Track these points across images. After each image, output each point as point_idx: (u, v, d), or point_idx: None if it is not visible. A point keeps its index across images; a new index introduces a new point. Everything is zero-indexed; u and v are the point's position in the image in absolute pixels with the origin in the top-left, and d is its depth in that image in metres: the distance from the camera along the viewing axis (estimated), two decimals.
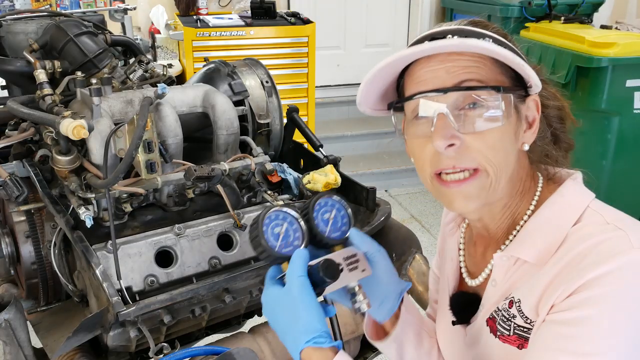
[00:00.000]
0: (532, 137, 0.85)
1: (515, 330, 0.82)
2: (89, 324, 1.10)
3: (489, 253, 0.91)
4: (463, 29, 0.83)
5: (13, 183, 1.22)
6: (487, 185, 0.82)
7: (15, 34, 1.65)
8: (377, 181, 4.32)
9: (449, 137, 0.79)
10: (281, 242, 0.82)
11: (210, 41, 3.77)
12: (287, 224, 0.83)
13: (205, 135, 1.47)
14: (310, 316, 0.78)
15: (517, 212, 0.88)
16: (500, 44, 0.80)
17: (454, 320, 0.96)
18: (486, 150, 0.80)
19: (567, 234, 0.81)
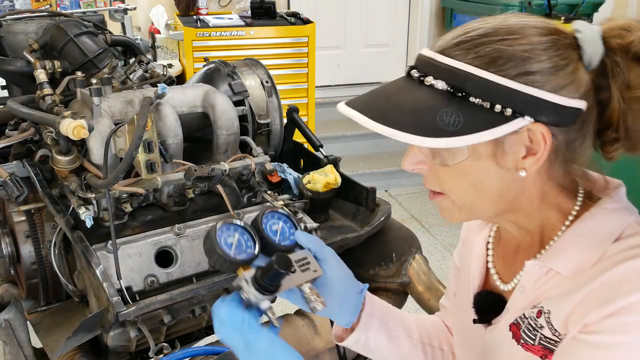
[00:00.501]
0: (535, 164, 0.77)
1: (541, 341, 0.81)
2: (89, 324, 1.10)
3: (520, 258, 0.88)
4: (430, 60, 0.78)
5: (13, 183, 1.22)
6: (455, 207, 0.82)
7: (15, 34, 1.65)
8: (377, 181, 4.32)
9: (414, 163, 0.82)
10: (235, 250, 0.87)
11: (210, 41, 3.77)
12: (239, 234, 0.89)
13: (205, 135, 1.47)
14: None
15: (548, 223, 0.85)
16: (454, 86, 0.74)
17: (475, 318, 0.95)
18: (449, 181, 0.80)
19: (606, 249, 0.77)
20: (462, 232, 1.10)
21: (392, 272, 1.48)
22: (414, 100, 0.76)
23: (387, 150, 4.77)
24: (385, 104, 0.79)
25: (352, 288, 0.95)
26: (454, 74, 0.74)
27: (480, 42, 0.75)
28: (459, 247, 1.10)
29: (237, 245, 0.87)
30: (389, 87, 0.81)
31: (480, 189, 0.80)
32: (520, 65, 0.72)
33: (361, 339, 0.98)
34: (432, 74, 0.76)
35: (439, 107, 0.73)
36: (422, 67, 0.79)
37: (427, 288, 1.44)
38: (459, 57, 0.75)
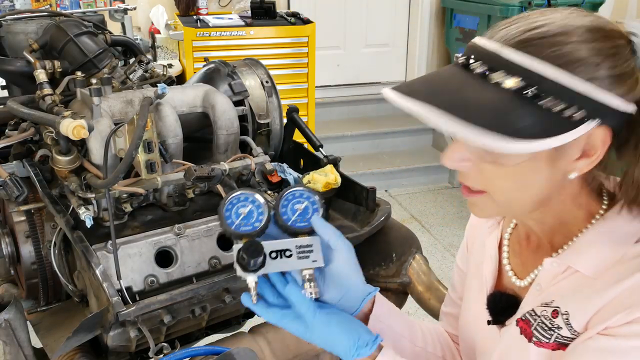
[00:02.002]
0: (588, 167, 0.76)
1: (557, 339, 0.80)
2: (89, 324, 1.10)
3: (539, 255, 0.87)
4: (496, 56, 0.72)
5: (13, 183, 1.22)
6: (494, 206, 0.80)
7: (15, 34, 1.65)
8: (377, 181, 4.32)
9: (457, 159, 0.77)
10: (241, 220, 0.86)
11: (210, 41, 3.77)
12: (254, 206, 0.87)
13: (205, 135, 1.47)
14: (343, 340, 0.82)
15: (573, 222, 0.84)
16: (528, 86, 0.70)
17: (489, 319, 0.94)
18: (495, 180, 0.76)
19: (626, 251, 0.77)
20: (467, 237, 1.09)
21: (392, 272, 1.48)
22: (481, 95, 0.71)
23: (387, 150, 4.77)
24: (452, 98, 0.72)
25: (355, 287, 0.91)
26: (529, 72, 0.70)
27: (554, 41, 0.71)
28: (463, 252, 1.10)
29: (246, 217, 0.86)
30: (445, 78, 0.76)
31: (527, 189, 0.78)
32: (591, 68, 0.70)
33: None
34: (502, 69, 0.71)
35: (510, 106, 0.69)
36: (485, 59, 0.73)
37: (427, 288, 1.44)
38: (532, 53, 0.71)
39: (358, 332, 0.83)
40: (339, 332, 0.83)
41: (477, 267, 1.01)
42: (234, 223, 0.86)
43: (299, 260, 0.85)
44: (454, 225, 3.98)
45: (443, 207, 4.23)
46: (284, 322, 0.85)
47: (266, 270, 0.84)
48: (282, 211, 0.89)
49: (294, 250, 0.86)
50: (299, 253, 0.86)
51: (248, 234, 0.86)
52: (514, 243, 0.97)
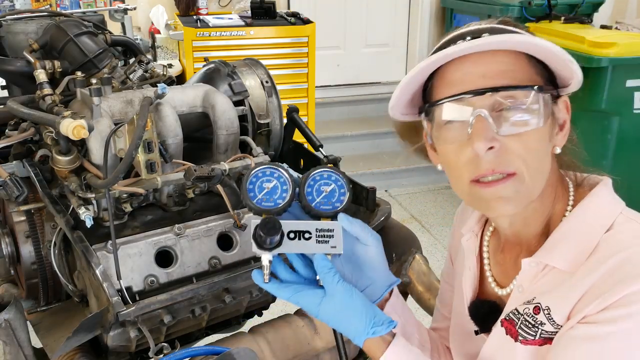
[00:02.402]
0: (564, 140, 0.83)
1: (542, 335, 0.81)
2: (89, 324, 1.10)
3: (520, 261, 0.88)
4: (496, 27, 0.82)
5: (13, 183, 1.22)
6: (522, 188, 0.80)
7: (15, 34, 1.65)
8: (377, 181, 4.32)
9: (490, 139, 0.77)
10: (264, 195, 0.83)
11: (210, 41, 3.77)
12: (279, 182, 0.85)
13: (205, 135, 1.47)
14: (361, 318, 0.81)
15: (551, 218, 0.86)
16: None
17: (476, 330, 0.95)
18: (525, 153, 0.78)
19: (599, 240, 0.79)
20: (449, 251, 1.11)
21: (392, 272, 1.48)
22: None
23: (387, 150, 4.77)
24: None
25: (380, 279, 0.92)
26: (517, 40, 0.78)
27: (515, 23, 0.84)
28: (448, 266, 1.10)
29: (269, 192, 0.84)
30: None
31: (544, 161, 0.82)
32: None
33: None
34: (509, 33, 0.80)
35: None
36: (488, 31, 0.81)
37: (427, 288, 1.44)
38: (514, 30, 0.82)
39: (374, 311, 0.83)
40: (358, 304, 0.81)
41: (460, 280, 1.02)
42: (256, 197, 0.83)
43: (318, 245, 0.83)
44: None
45: (443, 207, 4.23)
46: (299, 296, 0.82)
47: (282, 249, 0.82)
48: (307, 191, 0.86)
49: (314, 233, 0.83)
50: (319, 237, 0.83)
51: (269, 209, 0.83)
52: (494, 252, 0.98)
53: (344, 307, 0.81)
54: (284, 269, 0.86)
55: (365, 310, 0.82)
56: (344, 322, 0.82)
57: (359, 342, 0.82)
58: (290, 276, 0.85)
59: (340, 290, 0.81)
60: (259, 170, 0.84)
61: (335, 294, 0.81)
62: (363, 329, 0.81)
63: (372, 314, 0.82)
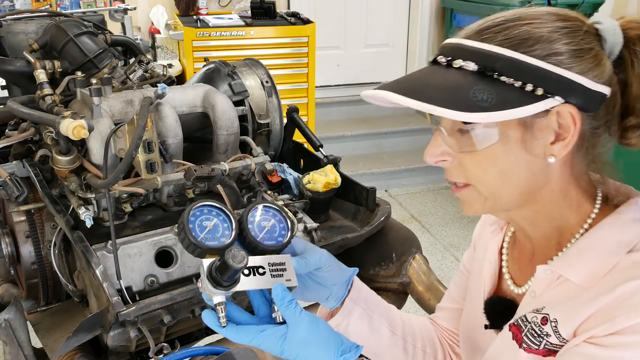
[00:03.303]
0: (564, 150, 0.77)
1: (546, 346, 0.80)
2: (89, 324, 1.10)
3: (535, 262, 0.88)
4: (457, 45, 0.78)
5: (13, 183, 1.22)
6: (480, 199, 0.81)
7: (15, 34, 1.65)
8: (377, 181, 4.32)
9: (438, 154, 0.80)
10: (207, 234, 0.80)
11: (210, 41, 3.77)
12: (219, 220, 0.82)
13: (205, 135, 1.47)
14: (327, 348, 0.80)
15: (566, 226, 0.84)
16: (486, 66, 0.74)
17: (486, 324, 0.94)
18: (475, 170, 0.79)
19: (618, 260, 0.77)
20: (474, 236, 1.09)
21: (392, 272, 1.48)
22: (444, 80, 0.75)
23: (387, 150, 4.77)
24: (415, 83, 0.77)
25: (340, 280, 0.94)
26: (484, 55, 0.75)
27: (507, 26, 0.76)
28: (470, 251, 1.09)
29: (211, 230, 0.80)
30: (415, 73, 0.81)
31: (508, 176, 0.79)
32: (548, 46, 0.74)
33: (342, 324, 0.97)
34: (461, 57, 0.76)
35: (470, 85, 0.73)
36: (448, 52, 0.78)
37: (427, 288, 1.44)
38: (487, 40, 0.76)
39: (340, 337, 0.82)
40: (325, 334, 0.80)
41: (479, 269, 1.01)
42: (199, 236, 0.79)
43: (274, 279, 0.81)
44: (454, 225, 3.98)
45: (443, 207, 4.23)
46: (261, 337, 0.79)
47: (240, 287, 0.78)
48: (250, 228, 0.83)
49: (267, 267, 0.81)
50: (272, 271, 0.81)
51: (215, 247, 0.79)
52: (512, 250, 0.97)
53: (309, 338, 0.79)
54: (237, 310, 0.82)
55: (332, 339, 0.81)
56: (311, 354, 0.79)
57: None
58: (245, 317, 0.82)
59: (305, 320, 0.79)
60: (196, 209, 0.81)
61: (299, 326, 0.79)
62: (332, 358, 0.80)
63: (339, 342, 0.81)
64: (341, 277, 0.94)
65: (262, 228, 0.85)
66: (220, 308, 0.78)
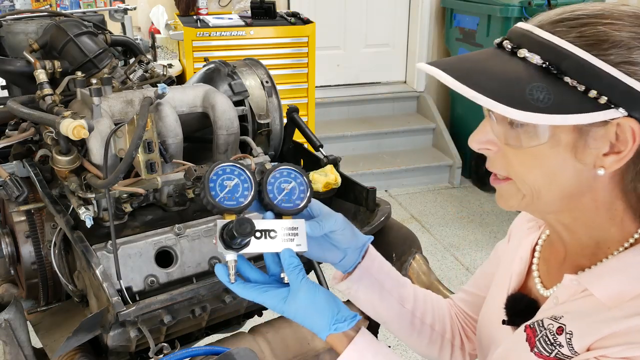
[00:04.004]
0: (617, 164, 0.72)
1: (557, 355, 0.79)
2: (89, 324, 1.10)
3: (565, 267, 0.86)
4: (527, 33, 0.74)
5: (13, 183, 1.22)
6: (518, 195, 0.78)
7: (15, 34, 1.65)
8: (377, 181, 4.33)
9: (483, 141, 0.77)
10: (226, 194, 0.82)
11: (210, 41, 3.77)
12: (240, 180, 0.83)
13: (205, 135, 1.47)
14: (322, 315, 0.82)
15: (605, 240, 0.81)
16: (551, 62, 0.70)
17: (505, 319, 0.93)
18: (519, 166, 0.76)
19: None
20: (512, 227, 1.06)
21: None
22: (502, 68, 0.72)
23: (387, 150, 4.77)
24: (472, 66, 0.74)
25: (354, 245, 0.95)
26: (552, 50, 0.71)
27: (586, 22, 0.71)
28: (504, 241, 1.07)
29: (231, 190, 0.82)
30: (477, 54, 0.77)
31: (551, 179, 0.75)
32: (625, 52, 0.68)
33: (352, 289, 0.99)
34: (527, 46, 0.72)
35: (529, 81, 0.69)
36: (516, 38, 0.75)
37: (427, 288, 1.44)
38: (560, 33, 0.71)
39: (338, 307, 0.84)
40: (322, 300, 0.83)
41: (509, 262, 1.00)
42: (218, 195, 0.81)
43: (284, 243, 0.83)
44: (454, 225, 3.98)
45: (443, 207, 4.23)
46: (264, 296, 0.83)
47: (249, 249, 0.81)
48: (269, 189, 0.85)
49: (279, 231, 0.83)
50: (284, 235, 0.83)
51: (231, 209, 0.82)
52: (546, 250, 0.95)
53: (307, 304, 0.82)
54: (249, 267, 0.85)
55: (329, 307, 0.83)
56: (307, 319, 0.83)
57: (322, 338, 0.83)
58: (255, 275, 0.85)
59: (304, 287, 0.82)
60: (219, 168, 0.83)
61: (299, 291, 0.82)
62: (325, 325, 0.82)
63: (335, 310, 0.83)
64: (355, 242, 0.95)
65: (281, 190, 0.86)
66: (231, 265, 0.81)
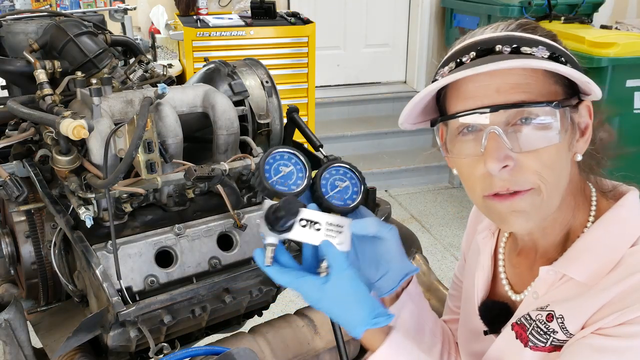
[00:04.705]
0: (585, 145, 0.79)
1: (553, 343, 0.80)
2: (89, 324, 1.10)
3: (536, 267, 0.86)
4: (513, 37, 0.77)
5: (13, 183, 1.22)
6: (538, 201, 0.77)
7: (15, 34, 1.65)
8: (377, 181, 4.33)
9: (502, 158, 0.74)
10: (279, 178, 0.82)
11: (210, 41, 3.77)
12: (295, 169, 0.83)
13: (205, 135, 1.47)
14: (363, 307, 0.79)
15: (571, 228, 0.84)
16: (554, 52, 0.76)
17: (485, 330, 0.94)
18: (542, 169, 0.75)
19: (623, 255, 0.77)
20: (463, 249, 1.10)
21: None
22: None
23: (387, 150, 4.77)
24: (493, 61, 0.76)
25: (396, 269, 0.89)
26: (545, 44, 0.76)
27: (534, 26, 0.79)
28: (461, 263, 1.10)
29: (285, 176, 0.82)
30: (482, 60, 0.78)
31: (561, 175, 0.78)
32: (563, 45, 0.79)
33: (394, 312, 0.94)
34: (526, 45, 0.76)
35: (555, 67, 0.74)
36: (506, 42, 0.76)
37: (427, 288, 1.44)
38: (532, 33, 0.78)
39: (375, 302, 0.81)
40: (363, 293, 0.79)
41: (471, 277, 1.01)
42: (271, 178, 0.82)
43: (326, 237, 0.81)
44: (454, 225, 3.98)
45: (443, 207, 4.23)
46: (300, 281, 0.80)
47: (291, 235, 0.80)
48: (322, 183, 0.85)
49: (324, 225, 0.81)
50: (328, 230, 0.82)
51: (282, 193, 0.81)
52: (510, 255, 0.96)
53: (348, 294, 0.79)
54: (286, 255, 0.83)
55: (370, 300, 0.80)
56: (345, 310, 0.80)
57: (359, 332, 0.80)
58: (290, 262, 0.83)
59: (348, 274, 0.79)
60: (277, 152, 0.83)
61: (342, 278, 0.79)
62: (365, 318, 0.79)
63: (375, 304, 0.80)
64: (399, 265, 0.89)
65: (334, 187, 0.86)
66: (269, 249, 0.80)
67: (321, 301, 0.80)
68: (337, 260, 0.79)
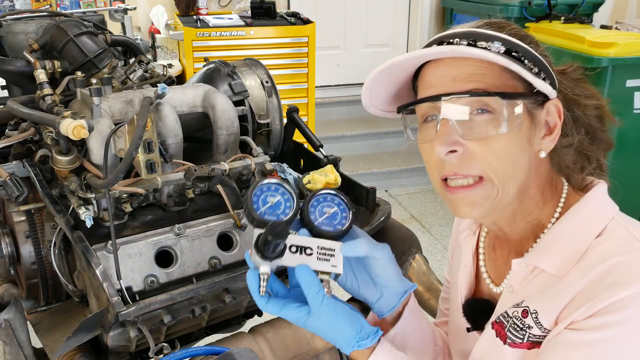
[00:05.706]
0: (552, 143, 0.82)
1: (530, 339, 0.81)
2: (89, 324, 1.10)
3: (511, 260, 0.89)
4: (473, 32, 0.81)
5: (13, 183, 1.22)
6: (492, 194, 0.81)
7: (15, 34, 1.65)
8: (377, 181, 4.33)
9: (451, 143, 0.79)
10: (267, 209, 0.84)
11: (210, 41, 3.77)
12: (283, 199, 0.85)
13: (205, 135, 1.47)
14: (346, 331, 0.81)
15: (540, 220, 0.86)
16: (512, 48, 0.78)
17: (468, 327, 0.95)
18: (490, 158, 0.79)
19: (589, 245, 0.79)
20: (450, 251, 1.12)
21: None
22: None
23: (387, 150, 4.77)
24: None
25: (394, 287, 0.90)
26: (504, 40, 0.79)
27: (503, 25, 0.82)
28: (449, 264, 1.12)
29: (273, 206, 0.84)
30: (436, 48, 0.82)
31: (515, 168, 0.80)
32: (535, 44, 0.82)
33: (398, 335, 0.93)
34: (483, 40, 0.78)
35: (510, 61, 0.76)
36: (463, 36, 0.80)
37: (427, 288, 1.44)
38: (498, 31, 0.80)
39: (361, 324, 0.83)
40: (344, 320, 0.82)
41: (456, 277, 1.03)
42: (259, 209, 0.83)
43: (319, 262, 0.83)
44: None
45: (443, 207, 4.23)
46: (286, 310, 0.82)
47: (283, 262, 0.81)
48: (310, 210, 0.86)
49: (315, 249, 0.83)
50: (320, 254, 0.83)
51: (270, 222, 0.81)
52: (488, 250, 0.98)
53: (329, 324, 0.81)
54: (279, 283, 0.85)
55: (351, 325, 0.82)
56: (330, 336, 0.83)
57: (347, 352, 0.84)
58: (279, 289, 0.85)
59: (325, 308, 0.81)
60: (264, 184, 0.85)
61: (320, 311, 0.81)
62: (348, 343, 0.82)
63: (358, 327, 0.82)
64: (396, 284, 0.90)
65: (322, 213, 0.87)
66: (263, 277, 0.81)
67: (308, 327, 0.83)
68: (311, 294, 0.81)
